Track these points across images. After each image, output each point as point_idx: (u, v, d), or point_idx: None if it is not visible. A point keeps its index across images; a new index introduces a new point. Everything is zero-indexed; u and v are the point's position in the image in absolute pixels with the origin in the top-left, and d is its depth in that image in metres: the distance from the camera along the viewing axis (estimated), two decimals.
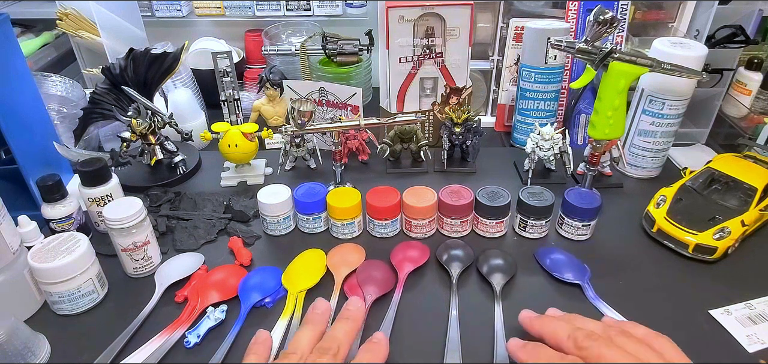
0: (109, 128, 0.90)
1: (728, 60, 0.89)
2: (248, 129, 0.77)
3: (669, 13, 0.96)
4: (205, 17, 1.19)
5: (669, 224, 0.64)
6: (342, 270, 0.60)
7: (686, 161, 0.82)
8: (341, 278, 0.59)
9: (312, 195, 0.67)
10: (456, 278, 0.59)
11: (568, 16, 0.90)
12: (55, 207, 0.63)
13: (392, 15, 0.79)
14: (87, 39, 0.98)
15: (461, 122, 0.78)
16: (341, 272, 0.60)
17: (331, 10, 1.16)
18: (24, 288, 0.55)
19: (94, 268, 0.56)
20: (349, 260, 0.62)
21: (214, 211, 0.72)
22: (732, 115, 0.99)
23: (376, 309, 0.55)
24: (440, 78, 0.86)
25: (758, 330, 0.53)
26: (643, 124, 0.77)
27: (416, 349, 0.51)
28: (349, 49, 0.97)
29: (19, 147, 0.67)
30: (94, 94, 0.78)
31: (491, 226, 0.66)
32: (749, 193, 0.65)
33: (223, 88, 0.86)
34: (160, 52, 0.77)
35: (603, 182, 0.79)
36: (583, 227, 0.65)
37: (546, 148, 0.75)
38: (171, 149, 0.81)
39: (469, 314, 0.55)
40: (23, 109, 0.70)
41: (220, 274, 0.60)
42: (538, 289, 0.59)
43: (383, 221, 0.66)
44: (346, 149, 0.81)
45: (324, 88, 0.81)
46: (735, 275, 0.61)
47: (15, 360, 0.47)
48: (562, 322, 0.45)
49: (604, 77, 0.66)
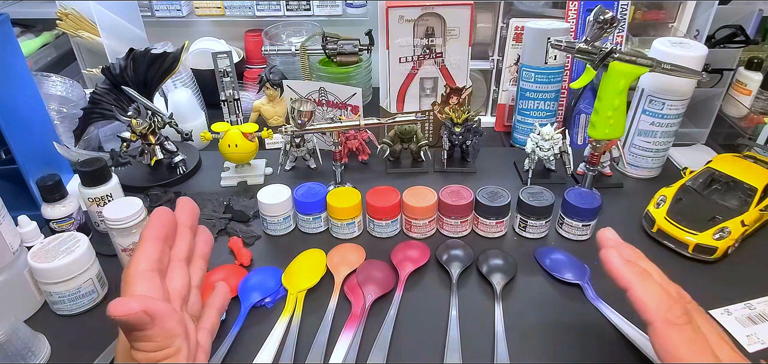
0: (109, 128, 0.90)
1: (728, 60, 0.90)
2: (248, 129, 0.77)
3: (669, 13, 0.96)
4: (205, 17, 1.19)
5: (669, 224, 0.64)
6: (342, 270, 0.60)
7: (686, 161, 0.82)
8: (341, 278, 0.59)
9: (312, 195, 0.67)
10: (456, 278, 0.59)
11: (568, 16, 0.90)
12: (55, 207, 0.63)
13: (392, 15, 0.79)
14: (87, 39, 0.98)
15: (461, 122, 0.78)
16: (341, 272, 0.60)
17: (331, 10, 1.16)
18: (24, 288, 0.55)
19: (94, 268, 0.56)
20: (349, 260, 0.62)
21: (214, 211, 0.72)
22: (732, 115, 0.99)
23: (377, 309, 0.55)
24: (440, 78, 0.86)
25: (758, 330, 0.53)
26: (643, 124, 0.77)
27: (416, 349, 0.51)
28: (349, 49, 0.97)
29: (19, 147, 0.67)
30: (94, 94, 0.78)
31: (491, 226, 0.66)
32: (749, 193, 0.65)
33: (223, 88, 0.86)
34: (160, 52, 0.77)
35: (603, 181, 0.79)
36: (583, 227, 0.65)
37: (546, 148, 0.75)
38: (171, 149, 0.81)
39: (469, 314, 0.55)
40: (23, 109, 0.70)
41: (220, 274, 0.60)
42: (538, 289, 0.59)
43: (383, 221, 0.66)
44: (346, 149, 0.80)
45: (324, 88, 0.81)
46: (735, 275, 0.61)
47: (15, 360, 0.47)
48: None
49: (604, 77, 0.66)
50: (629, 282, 0.38)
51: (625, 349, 0.51)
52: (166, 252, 0.37)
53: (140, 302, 0.31)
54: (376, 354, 0.49)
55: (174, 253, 0.38)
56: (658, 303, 0.37)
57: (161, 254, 0.36)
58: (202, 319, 0.40)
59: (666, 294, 0.37)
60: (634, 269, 0.39)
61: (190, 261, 0.40)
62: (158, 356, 0.32)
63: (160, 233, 0.37)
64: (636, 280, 0.38)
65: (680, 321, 0.36)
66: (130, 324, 0.31)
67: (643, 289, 0.38)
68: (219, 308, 0.42)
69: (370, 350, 0.50)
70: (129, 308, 0.30)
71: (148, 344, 0.32)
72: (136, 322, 0.31)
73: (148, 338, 0.32)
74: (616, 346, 0.52)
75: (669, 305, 0.37)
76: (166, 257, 0.37)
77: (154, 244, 0.36)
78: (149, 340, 0.32)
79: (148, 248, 0.35)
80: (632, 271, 0.39)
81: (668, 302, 0.37)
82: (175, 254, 0.38)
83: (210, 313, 0.41)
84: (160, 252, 0.36)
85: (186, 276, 0.38)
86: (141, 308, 0.31)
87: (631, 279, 0.38)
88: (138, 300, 0.31)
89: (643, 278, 0.38)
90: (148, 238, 0.36)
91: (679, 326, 0.36)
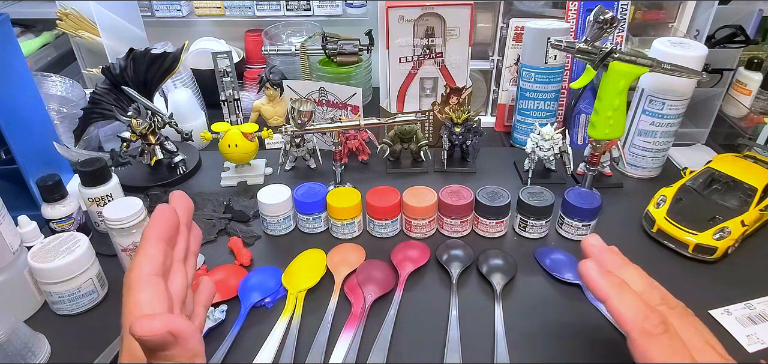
0: (109, 128, 0.90)
1: (728, 60, 0.90)
2: (248, 129, 0.77)
3: (669, 13, 0.96)
4: (205, 17, 1.19)
5: (669, 224, 0.64)
6: (342, 270, 0.60)
7: (686, 161, 0.82)
8: (341, 278, 0.59)
9: (312, 195, 0.67)
10: (456, 278, 0.59)
11: (568, 16, 0.90)
12: (55, 207, 0.63)
13: (392, 15, 0.79)
14: (87, 39, 0.98)
15: (461, 122, 0.78)
16: (341, 272, 0.60)
17: (331, 10, 1.16)
18: (24, 288, 0.55)
19: (94, 268, 0.56)
20: (349, 260, 0.62)
21: (214, 211, 0.72)
22: (732, 115, 0.99)
23: (377, 309, 0.55)
24: (440, 78, 0.86)
25: (758, 330, 0.53)
26: (643, 124, 0.77)
27: (416, 349, 0.51)
28: (349, 49, 0.97)
29: (19, 147, 0.67)
30: (94, 94, 0.78)
31: (491, 226, 0.66)
32: (749, 193, 0.65)
33: (223, 88, 0.86)
34: (160, 52, 0.77)
35: (603, 181, 0.79)
36: (583, 227, 0.65)
37: (546, 148, 0.75)
38: (171, 149, 0.81)
39: (469, 314, 0.55)
40: (23, 109, 0.70)
41: (220, 274, 0.60)
42: (538, 289, 0.59)
43: (383, 221, 0.66)
44: (346, 149, 0.80)
45: (324, 88, 0.81)
46: (735, 275, 0.61)
47: (15, 360, 0.47)
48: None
49: (604, 77, 0.66)
50: (607, 294, 0.39)
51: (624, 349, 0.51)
52: (169, 254, 0.36)
53: (164, 322, 0.30)
54: (376, 354, 0.49)
55: (174, 254, 0.37)
56: (635, 313, 0.37)
57: (165, 257, 0.35)
58: (191, 318, 0.39)
59: (643, 304, 0.38)
60: (611, 281, 0.39)
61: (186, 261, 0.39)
62: None
63: (164, 234, 0.35)
64: (613, 292, 0.38)
65: (656, 331, 0.36)
66: (155, 344, 0.30)
67: (620, 300, 0.38)
68: (205, 305, 0.41)
69: (370, 350, 0.50)
70: (154, 329, 0.29)
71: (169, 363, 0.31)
72: (160, 342, 0.29)
73: (171, 357, 0.30)
74: (616, 346, 0.52)
75: (645, 315, 0.37)
76: (169, 259, 0.36)
77: (157, 245, 0.34)
78: (171, 360, 0.30)
79: (151, 250, 0.34)
80: (609, 282, 0.39)
81: (644, 312, 0.37)
82: (175, 254, 0.37)
83: (197, 310, 0.40)
84: (164, 254, 0.34)
85: (185, 278, 0.37)
86: (166, 329, 0.29)
87: (608, 291, 0.39)
88: (161, 320, 0.30)
89: (620, 289, 0.39)
90: (151, 238, 0.34)
91: (656, 336, 0.36)
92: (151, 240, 0.34)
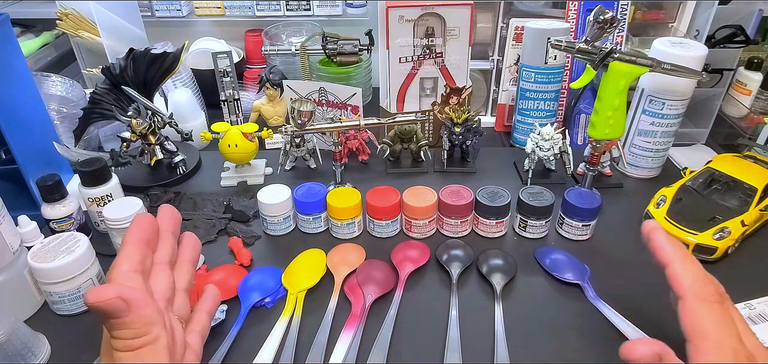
0: (109, 128, 0.90)
1: (728, 60, 0.90)
2: (248, 129, 0.77)
3: (669, 13, 0.96)
4: (205, 17, 1.19)
5: (669, 224, 0.64)
6: (342, 270, 0.60)
7: (686, 161, 0.82)
8: (341, 278, 0.59)
9: (312, 195, 0.67)
10: (456, 278, 0.59)
11: (568, 16, 0.90)
12: (55, 207, 0.63)
13: (392, 15, 0.79)
14: (87, 39, 0.98)
15: (461, 122, 0.78)
16: (341, 272, 0.60)
17: (331, 10, 1.16)
18: (24, 288, 0.55)
19: (94, 268, 0.56)
20: (349, 260, 0.62)
21: (214, 211, 0.72)
22: (732, 115, 0.99)
23: (377, 309, 0.55)
24: (440, 78, 0.86)
25: (758, 330, 0.53)
26: (643, 124, 0.77)
27: (416, 349, 0.51)
28: (349, 49, 0.97)
29: (19, 147, 0.67)
30: (94, 94, 0.78)
31: (491, 226, 0.66)
32: (749, 193, 0.65)
33: (223, 88, 0.86)
34: (160, 52, 0.77)
35: (603, 181, 0.79)
36: (583, 227, 0.65)
37: (546, 148, 0.75)
38: (171, 149, 0.81)
39: (469, 314, 0.55)
40: (23, 109, 0.70)
41: (220, 274, 0.60)
42: (538, 289, 0.59)
43: (383, 221, 0.66)
44: (346, 149, 0.81)
45: (324, 88, 0.81)
46: (735, 275, 0.61)
47: (15, 360, 0.47)
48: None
49: (604, 77, 0.66)
50: (670, 258, 0.39)
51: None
52: (149, 255, 0.37)
53: (115, 288, 0.31)
54: (376, 354, 0.49)
55: (156, 256, 0.38)
56: (693, 279, 0.38)
57: (143, 257, 0.36)
58: (192, 321, 0.40)
59: (703, 274, 0.38)
60: (676, 247, 0.40)
61: (174, 266, 0.40)
62: (135, 343, 0.32)
63: (142, 237, 0.37)
64: (677, 257, 0.39)
65: (711, 299, 0.37)
66: (106, 311, 0.31)
67: (682, 266, 0.39)
68: (209, 311, 0.42)
69: (370, 350, 0.50)
70: (105, 295, 0.31)
71: (125, 332, 0.32)
72: (112, 309, 0.31)
73: (125, 325, 0.32)
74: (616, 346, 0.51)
75: (704, 283, 0.38)
76: (148, 260, 0.37)
77: (135, 246, 0.36)
78: (126, 328, 0.32)
79: (129, 251, 0.36)
80: (674, 248, 0.40)
81: (703, 281, 0.38)
82: (158, 257, 0.38)
83: (200, 316, 0.41)
84: (142, 255, 0.36)
85: (169, 279, 0.38)
86: (116, 294, 0.31)
87: (672, 255, 0.39)
88: (113, 287, 0.31)
89: (685, 256, 0.39)
90: (129, 241, 0.36)
91: (710, 304, 0.37)
92: (129, 243, 0.36)
